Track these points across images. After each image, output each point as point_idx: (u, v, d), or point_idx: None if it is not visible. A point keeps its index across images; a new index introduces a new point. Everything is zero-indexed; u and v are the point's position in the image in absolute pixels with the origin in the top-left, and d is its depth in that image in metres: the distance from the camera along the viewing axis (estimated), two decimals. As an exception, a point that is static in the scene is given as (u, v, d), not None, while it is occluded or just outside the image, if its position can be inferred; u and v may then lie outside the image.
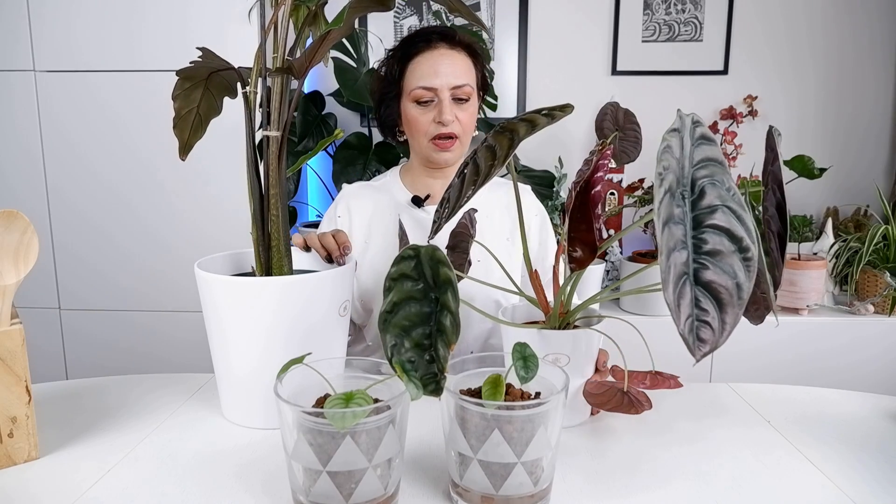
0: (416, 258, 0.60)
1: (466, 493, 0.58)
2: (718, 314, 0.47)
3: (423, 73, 1.08)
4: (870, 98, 2.14)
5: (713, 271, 0.48)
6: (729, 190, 0.51)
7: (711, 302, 0.47)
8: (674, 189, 0.51)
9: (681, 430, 0.78)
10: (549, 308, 0.77)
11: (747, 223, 0.49)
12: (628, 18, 2.10)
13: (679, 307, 0.47)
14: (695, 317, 0.47)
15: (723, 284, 0.47)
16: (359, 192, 1.19)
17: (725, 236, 0.49)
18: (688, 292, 0.48)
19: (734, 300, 0.47)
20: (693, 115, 0.55)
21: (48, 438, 0.74)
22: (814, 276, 1.72)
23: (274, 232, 0.77)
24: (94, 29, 1.68)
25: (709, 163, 0.52)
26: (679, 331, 0.47)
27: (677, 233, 0.49)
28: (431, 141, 1.09)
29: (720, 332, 0.47)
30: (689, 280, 0.48)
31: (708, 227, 0.49)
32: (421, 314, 0.59)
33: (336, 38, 0.70)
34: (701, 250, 0.49)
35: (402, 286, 0.59)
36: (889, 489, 0.64)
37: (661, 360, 0.83)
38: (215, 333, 0.78)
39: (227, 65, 0.76)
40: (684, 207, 0.51)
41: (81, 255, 1.80)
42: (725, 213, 0.49)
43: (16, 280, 0.70)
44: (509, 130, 0.66)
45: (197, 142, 0.82)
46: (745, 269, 0.48)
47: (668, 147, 0.53)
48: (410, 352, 0.58)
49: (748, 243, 0.48)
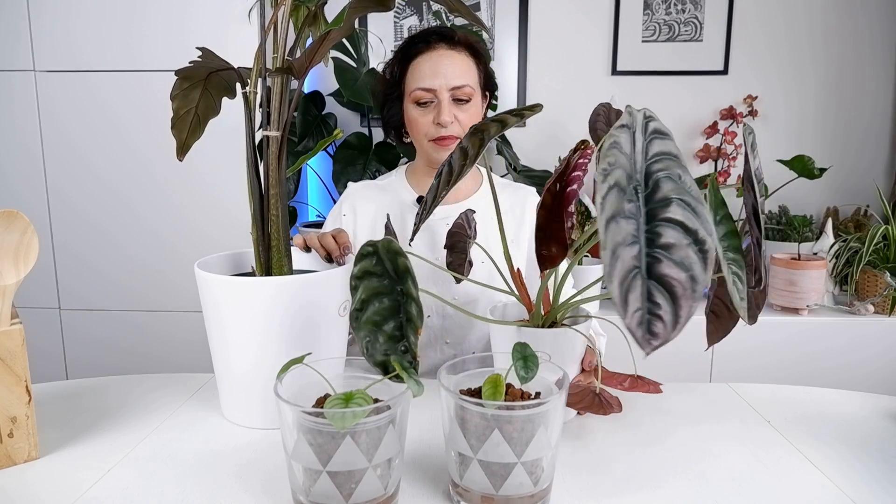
0: (375, 254, 0.61)
1: (466, 493, 0.58)
2: (672, 307, 0.46)
3: (422, 73, 1.08)
4: (870, 98, 2.14)
5: (666, 264, 0.47)
6: (684, 183, 0.50)
7: (664, 295, 0.47)
8: (623, 185, 0.51)
9: (681, 429, 0.78)
10: (532, 306, 0.77)
11: (703, 215, 0.48)
12: (628, 18, 2.10)
13: (627, 301, 0.47)
14: (646, 310, 0.47)
15: (676, 277, 0.47)
16: (364, 192, 1.19)
17: (680, 229, 0.48)
18: (638, 286, 0.47)
19: (688, 293, 0.46)
20: (645, 111, 0.54)
21: (48, 438, 0.74)
22: (814, 276, 1.72)
23: (274, 232, 0.77)
24: (94, 29, 1.68)
25: (663, 157, 0.52)
26: (626, 323, 0.47)
27: (627, 227, 0.49)
28: (431, 141, 1.09)
29: (673, 326, 0.46)
30: (640, 274, 0.47)
31: (662, 220, 0.49)
32: (391, 308, 0.61)
33: (336, 38, 0.70)
34: (654, 244, 0.48)
35: (369, 283, 0.61)
36: (889, 489, 0.65)
37: (662, 360, 0.83)
38: (215, 333, 0.78)
39: (226, 65, 0.76)
40: (637, 202, 0.50)
41: (81, 255, 1.80)
42: (680, 206, 0.49)
43: (16, 280, 0.70)
44: (481, 131, 0.67)
45: (195, 142, 0.82)
46: (700, 262, 0.47)
47: (616, 143, 0.52)
48: (385, 345, 0.60)
49: (703, 235, 0.48)
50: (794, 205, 2.13)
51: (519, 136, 2.16)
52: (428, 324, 1.13)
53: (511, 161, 1.91)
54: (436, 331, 1.13)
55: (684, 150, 2.18)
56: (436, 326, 1.13)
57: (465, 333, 1.13)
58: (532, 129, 2.16)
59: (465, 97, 1.08)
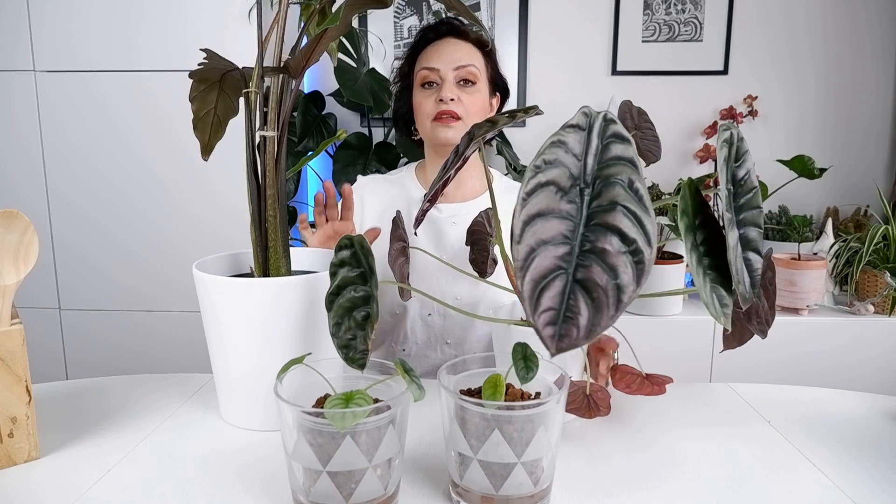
0: (352, 247, 0.65)
1: (466, 493, 0.58)
2: (591, 313, 0.45)
3: (428, 57, 1.10)
4: (870, 98, 2.14)
5: (595, 270, 0.46)
6: (635, 190, 0.48)
7: (587, 301, 0.46)
8: (563, 184, 0.50)
9: (681, 429, 0.78)
10: None
11: (646, 225, 0.47)
12: (628, 18, 2.10)
13: (539, 298, 0.45)
14: (562, 312, 0.46)
15: (602, 285, 0.46)
16: (373, 186, 1.20)
17: (617, 236, 0.47)
18: (557, 285, 0.46)
19: (611, 301, 0.45)
20: (606, 113, 0.53)
21: (48, 438, 0.74)
22: (814, 276, 1.72)
23: (272, 232, 0.77)
24: (94, 29, 1.68)
25: (617, 161, 0.50)
26: (533, 321, 0.45)
27: (559, 227, 0.48)
28: (433, 121, 1.09)
29: (587, 332, 0.45)
30: (566, 275, 0.46)
31: (601, 224, 0.48)
32: (362, 297, 0.64)
33: (333, 36, 0.70)
34: (587, 248, 0.47)
35: (346, 273, 0.64)
36: (889, 489, 0.65)
37: (662, 359, 0.83)
38: (213, 335, 0.78)
39: (232, 65, 0.76)
40: (578, 204, 0.49)
41: (81, 255, 1.80)
42: (623, 213, 0.48)
43: (16, 280, 0.70)
44: (469, 133, 0.69)
45: (218, 142, 0.82)
46: (632, 272, 0.46)
47: (561, 142, 0.51)
48: (353, 331, 0.63)
49: (641, 246, 0.46)
50: (794, 205, 2.13)
51: (519, 136, 2.16)
52: (429, 323, 1.13)
53: (511, 161, 1.91)
54: (436, 331, 1.13)
55: (684, 150, 2.18)
56: (437, 326, 1.13)
57: (465, 334, 1.13)
58: (532, 129, 2.17)
59: (470, 77, 1.08)
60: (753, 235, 0.58)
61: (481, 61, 1.12)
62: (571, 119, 0.53)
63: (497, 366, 0.68)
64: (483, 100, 1.12)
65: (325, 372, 0.60)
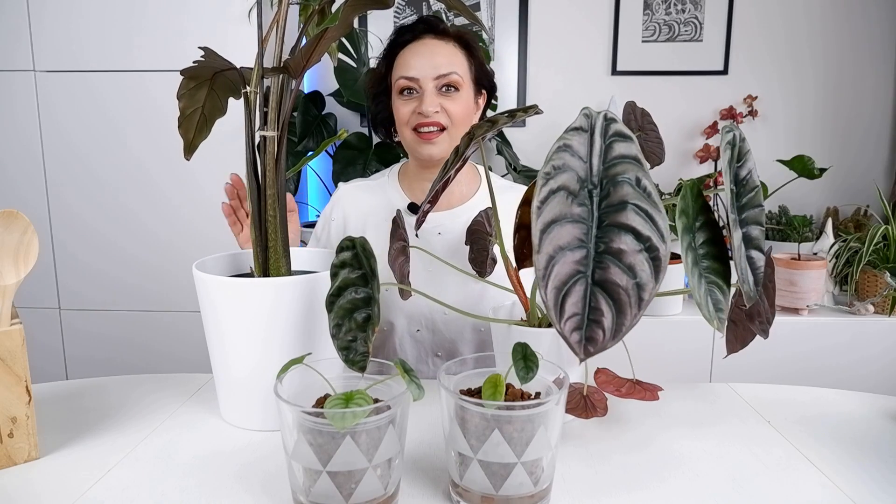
0: (353, 249, 0.65)
1: (466, 493, 0.58)
2: (614, 315, 0.45)
3: (406, 64, 1.04)
4: (870, 98, 2.14)
5: (614, 270, 0.46)
6: (643, 188, 0.48)
7: (608, 302, 0.45)
8: (573, 188, 0.49)
9: (680, 429, 0.78)
10: (528, 305, 0.78)
11: (657, 222, 0.47)
12: (628, 18, 2.10)
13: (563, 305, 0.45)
14: (586, 316, 0.45)
15: (623, 285, 0.45)
16: (354, 194, 1.16)
17: (632, 235, 0.47)
18: (579, 291, 0.46)
19: (633, 300, 0.45)
20: (607, 113, 0.52)
21: (48, 438, 0.74)
22: (814, 276, 1.72)
23: (271, 232, 0.77)
24: (94, 29, 1.68)
25: (623, 160, 0.50)
26: (559, 328, 0.45)
27: (573, 231, 0.47)
28: (414, 132, 1.05)
29: (613, 334, 0.45)
30: (585, 278, 0.46)
31: (614, 225, 0.48)
32: (363, 299, 0.64)
33: (334, 37, 0.70)
34: (603, 249, 0.47)
35: (347, 274, 0.64)
36: (889, 489, 0.64)
37: (662, 359, 0.83)
38: (213, 335, 0.78)
39: (229, 65, 0.76)
40: (589, 206, 0.49)
41: (81, 255, 1.80)
42: (635, 212, 0.47)
43: (16, 280, 0.70)
44: (469, 133, 0.69)
45: (202, 142, 0.82)
46: (650, 269, 0.45)
47: (567, 146, 0.51)
48: (353, 332, 0.63)
49: (656, 243, 0.46)
50: (794, 205, 2.13)
51: (519, 136, 2.16)
52: (418, 338, 1.10)
53: (511, 161, 1.91)
54: (426, 345, 1.11)
55: (684, 151, 2.18)
56: (426, 341, 1.10)
57: (455, 347, 1.10)
58: (532, 129, 2.16)
59: (452, 85, 1.03)
60: (756, 234, 0.58)
61: (463, 62, 1.07)
62: (574, 122, 0.53)
63: (497, 366, 0.68)
64: (467, 103, 1.07)
65: (325, 372, 0.60)
